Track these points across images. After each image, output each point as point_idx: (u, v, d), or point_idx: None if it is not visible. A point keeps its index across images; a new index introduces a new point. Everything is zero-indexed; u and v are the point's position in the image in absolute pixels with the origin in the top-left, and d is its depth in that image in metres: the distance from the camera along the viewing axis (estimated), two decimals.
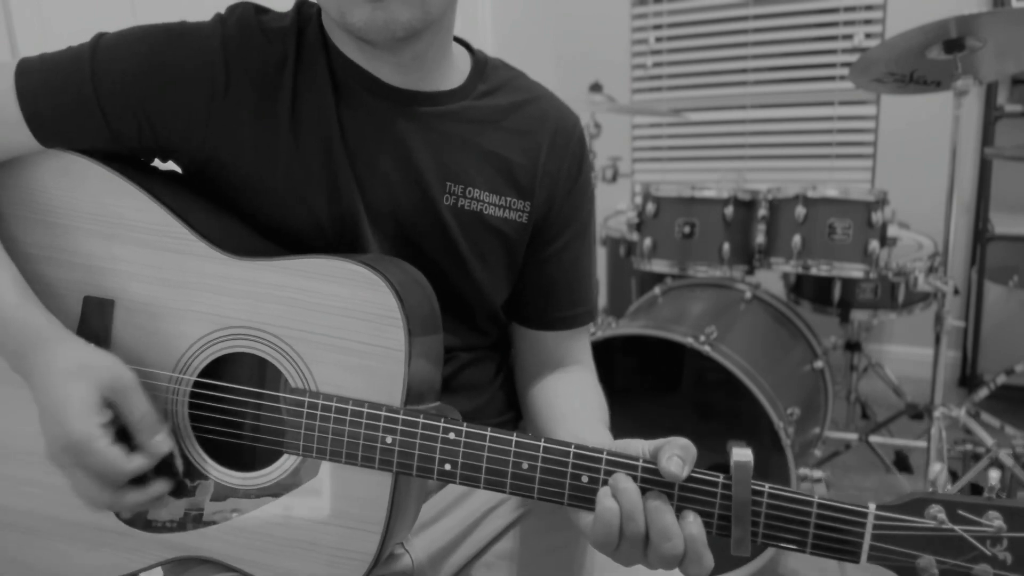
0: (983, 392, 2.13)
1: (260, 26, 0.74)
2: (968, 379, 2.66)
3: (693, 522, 0.59)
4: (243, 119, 0.73)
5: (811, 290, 2.11)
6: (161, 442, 0.66)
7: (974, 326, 2.61)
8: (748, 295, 1.86)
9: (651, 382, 1.89)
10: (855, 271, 1.73)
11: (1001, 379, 2.18)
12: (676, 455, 0.59)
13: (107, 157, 0.73)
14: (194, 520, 0.70)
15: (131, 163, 0.75)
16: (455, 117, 0.78)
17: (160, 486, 0.67)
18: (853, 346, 2.29)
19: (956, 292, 1.72)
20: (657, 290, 1.98)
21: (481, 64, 0.83)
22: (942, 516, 0.57)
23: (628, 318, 1.97)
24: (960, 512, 0.57)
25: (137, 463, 0.64)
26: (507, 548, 0.82)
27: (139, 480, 0.66)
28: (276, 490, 0.68)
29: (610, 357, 1.78)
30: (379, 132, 0.75)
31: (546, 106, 0.84)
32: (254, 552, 0.69)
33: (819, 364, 1.85)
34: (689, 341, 1.56)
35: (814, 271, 1.75)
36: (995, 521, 0.56)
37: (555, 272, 0.85)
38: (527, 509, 0.84)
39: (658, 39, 3.03)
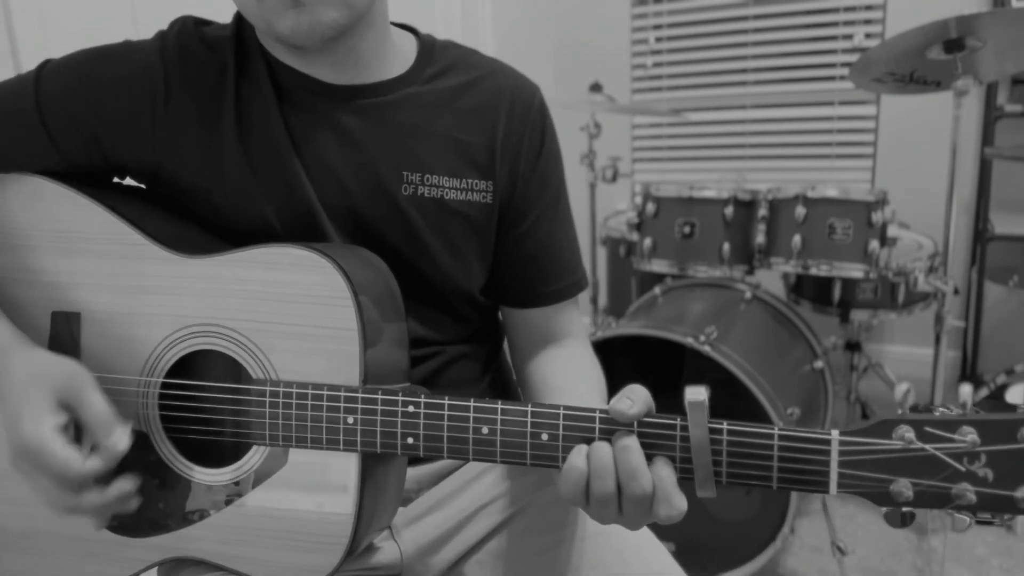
0: (983, 392, 2.14)
1: (200, 37, 0.76)
2: (968, 379, 2.66)
3: (662, 464, 0.59)
4: (187, 127, 0.74)
5: (811, 290, 2.10)
6: (116, 442, 0.64)
7: (974, 326, 2.61)
8: (748, 295, 1.86)
9: (651, 382, 1.87)
10: (855, 271, 1.73)
11: (1001, 379, 2.19)
12: (625, 396, 0.60)
13: (65, 177, 0.74)
14: (175, 521, 0.71)
15: (89, 180, 0.76)
16: (403, 105, 0.78)
17: (121, 486, 0.66)
18: (853, 346, 2.29)
19: (956, 292, 1.72)
20: (657, 290, 1.98)
21: (428, 47, 0.82)
22: (910, 436, 0.54)
23: (628, 318, 1.97)
24: (929, 430, 0.54)
25: (92, 464, 0.63)
26: (499, 546, 0.82)
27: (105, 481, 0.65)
28: (249, 483, 0.69)
29: (610, 357, 1.77)
30: (326, 130, 0.76)
31: (501, 80, 0.83)
32: (234, 546, 0.69)
33: (819, 364, 1.85)
34: (689, 341, 1.56)
35: (814, 271, 1.75)
36: (968, 436, 0.53)
37: (532, 247, 0.84)
38: (519, 507, 0.84)
39: (658, 39, 3.03)
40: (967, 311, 2.64)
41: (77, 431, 0.66)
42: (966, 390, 0.59)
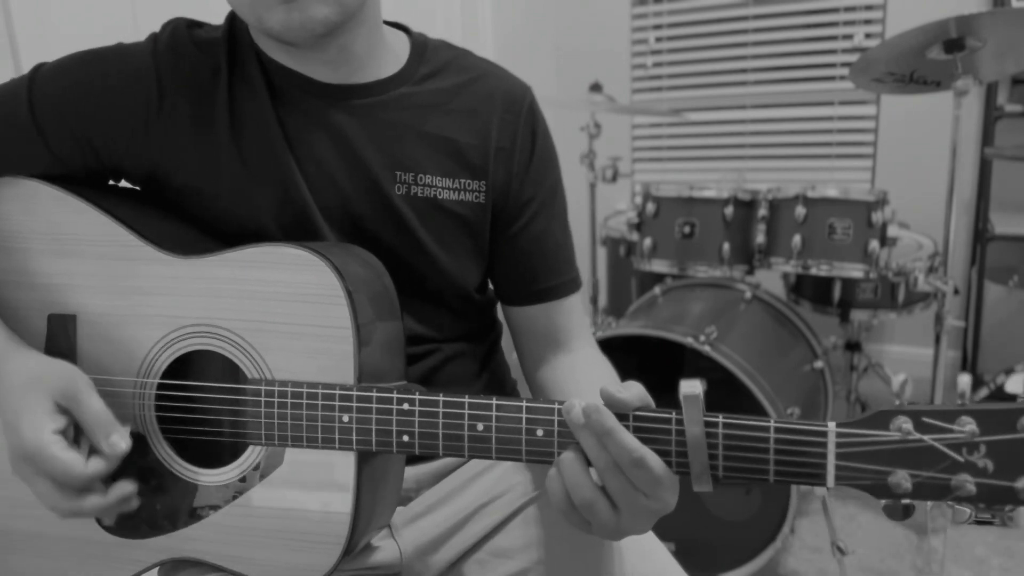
0: (983, 392, 2.14)
1: (192, 39, 0.76)
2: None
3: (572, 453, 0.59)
4: (181, 129, 0.74)
5: (811, 290, 2.11)
6: (116, 442, 0.64)
7: (974, 326, 2.61)
8: (748, 295, 1.86)
9: (651, 382, 1.87)
10: (855, 271, 1.73)
11: (1001, 379, 2.19)
12: (620, 386, 0.60)
13: (60, 180, 0.74)
14: (174, 521, 0.71)
15: (83, 183, 0.76)
16: (396, 105, 0.78)
17: (121, 488, 0.66)
18: (853, 346, 2.29)
19: (956, 292, 1.72)
20: (657, 290, 1.98)
21: (420, 47, 0.82)
22: (908, 427, 0.53)
23: (628, 318, 1.97)
24: (927, 420, 0.53)
25: (94, 466, 0.63)
26: (499, 545, 0.82)
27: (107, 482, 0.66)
28: (245, 483, 0.69)
29: (610, 357, 1.77)
30: (320, 130, 0.76)
31: (493, 82, 0.84)
32: (232, 546, 0.70)
33: (819, 364, 1.85)
34: (689, 341, 1.56)
35: (814, 271, 1.75)
36: (967, 426, 0.52)
37: (527, 245, 0.85)
38: (519, 507, 0.84)
39: (658, 39, 3.03)
40: (967, 311, 2.64)
41: (77, 435, 0.66)
42: (964, 380, 0.59)
